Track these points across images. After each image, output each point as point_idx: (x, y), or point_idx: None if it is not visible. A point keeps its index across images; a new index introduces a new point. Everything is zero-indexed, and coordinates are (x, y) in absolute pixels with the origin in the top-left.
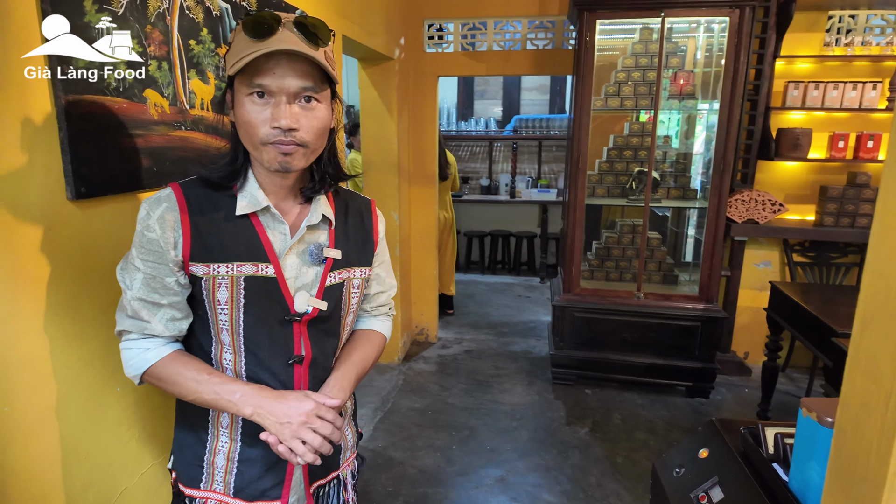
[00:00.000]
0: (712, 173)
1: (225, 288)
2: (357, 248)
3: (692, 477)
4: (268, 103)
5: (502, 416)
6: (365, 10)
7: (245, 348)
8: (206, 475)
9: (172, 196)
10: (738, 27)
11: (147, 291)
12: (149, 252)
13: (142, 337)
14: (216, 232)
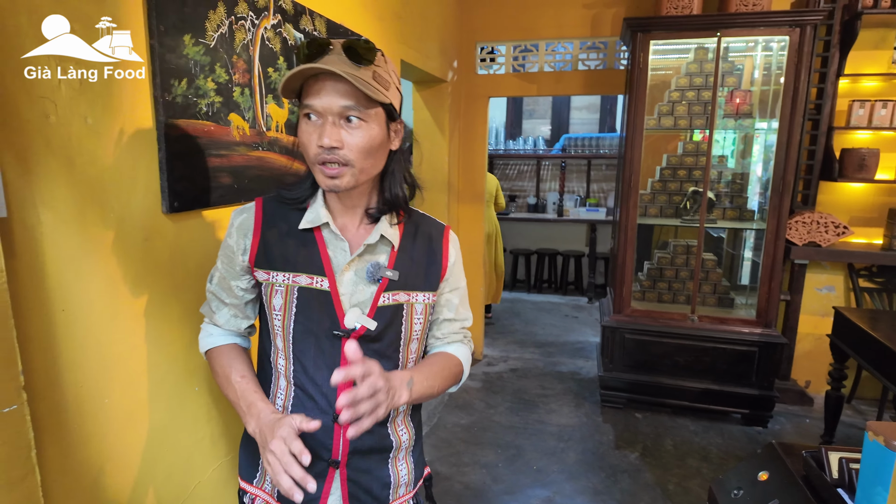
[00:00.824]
0: (771, 194)
1: (280, 295)
2: (420, 273)
3: (751, 500)
4: (317, 124)
5: (549, 436)
6: (422, 35)
7: (294, 356)
8: (259, 473)
9: (253, 208)
10: (799, 46)
11: (219, 289)
12: (225, 255)
13: (209, 323)
14: (280, 243)
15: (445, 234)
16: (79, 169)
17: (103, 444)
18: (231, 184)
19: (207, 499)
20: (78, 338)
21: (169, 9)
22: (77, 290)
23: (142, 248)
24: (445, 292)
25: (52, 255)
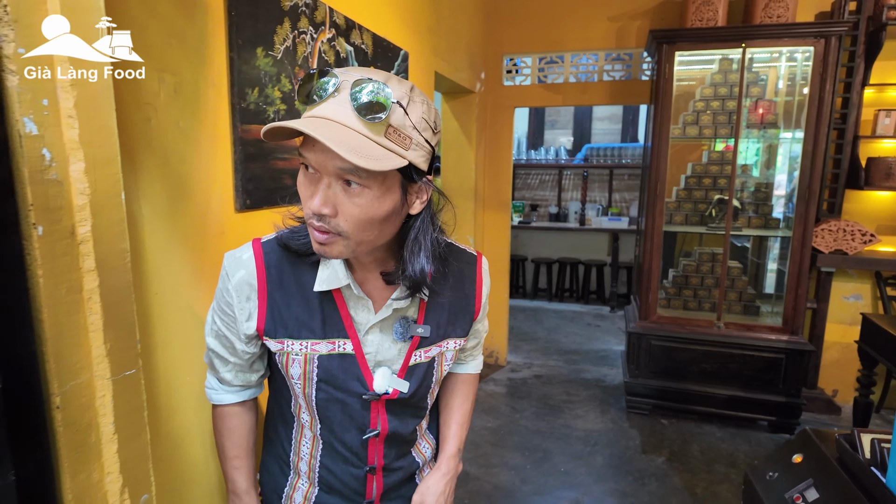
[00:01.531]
0: (797, 202)
1: (298, 365)
2: (453, 319)
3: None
4: (313, 178)
5: (576, 440)
6: (453, 48)
7: (319, 418)
8: (290, 482)
9: (252, 263)
10: (824, 57)
11: (218, 346)
12: (224, 313)
13: (212, 376)
14: (293, 306)
15: (479, 267)
16: (172, 167)
17: (184, 418)
18: (292, 185)
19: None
20: (167, 320)
21: (246, 24)
22: (167, 277)
23: (218, 241)
24: (475, 325)
25: (149, 244)
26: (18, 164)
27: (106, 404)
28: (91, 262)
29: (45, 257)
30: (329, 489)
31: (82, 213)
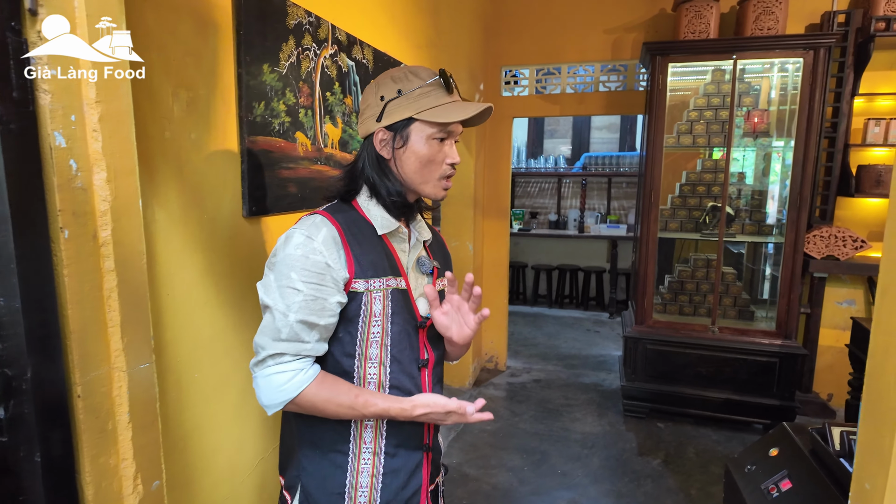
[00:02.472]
0: (788, 208)
1: (379, 301)
2: (442, 261)
3: (762, 473)
4: (445, 146)
5: (573, 443)
6: (453, 61)
7: (391, 357)
8: (349, 500)
9: (328, 222)
10: (813, 68)
11: (307, 313)
12: (313, 274)
13: (295, 358)
14: (367, 252)
15: (438, 231)
16: (185, 176)
17: (193, 412)
18: (296, 193)
19: (272, 472)
20: (178, 319)
21: (253, 42)
22: (179, 279)
23: (227, 245)
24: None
25: (162, 248)
26: (48, 174)
27: (122, 395)
28: (111, 263)
29: (70, 258)
30: (395, 448)
31: (104, 219)
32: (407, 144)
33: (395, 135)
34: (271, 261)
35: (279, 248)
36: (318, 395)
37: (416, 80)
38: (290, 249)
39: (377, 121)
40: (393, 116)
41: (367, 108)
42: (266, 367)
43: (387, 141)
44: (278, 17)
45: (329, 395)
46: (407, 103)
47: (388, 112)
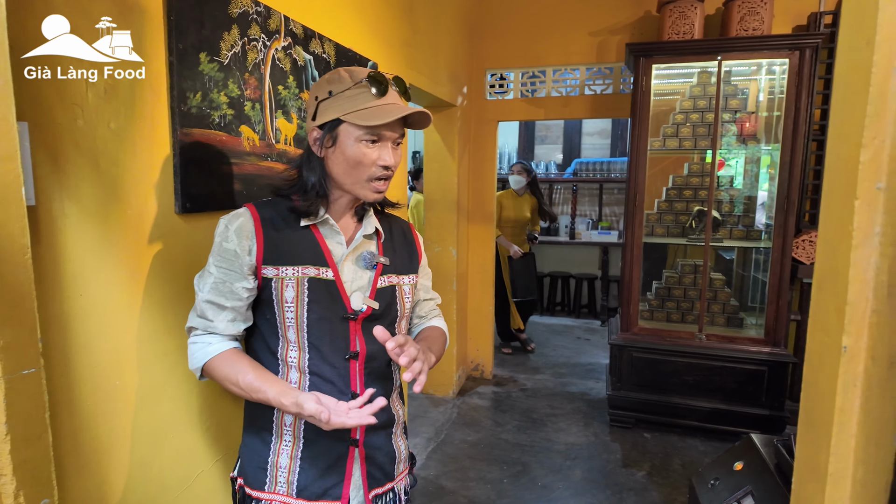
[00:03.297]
0: (776, 213)
1: (291, 288)
2: (404, 259)
3: (726, 488)
4: (376, 148)
5: (556, 454)
6: (431, 62)
7: (309, 344)
8: (270, 477)
9: (248, 212)
10: (799, 69)
11: (215, 294)
12: (223, 259)
13: (205, 332)
14: (284, 240)
15: (412, 228)
16: (103, 168)
17: (115, 423)
18: (241, 190)
19: (209, 488)
20: (94, 322)
21: (188, 29)
22: (96, 278)
23: (157, 244)
24: (422, 277)
25: (74, 244)
26: None
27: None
28: None
29: None
30: (316, 435)
31: None
32: (336, 145)
33: (325, 134)
34: None
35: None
36: (218, 370)
37: (348, 81)
38: (215, 236)
39: (312, 119)
40: (324, 116)
41: (308, 107)
42: (189, 337)
43: (319, 140)
44: (218, 5)
45: (227, 373)
46: (337, 104)
47: (320, 111)
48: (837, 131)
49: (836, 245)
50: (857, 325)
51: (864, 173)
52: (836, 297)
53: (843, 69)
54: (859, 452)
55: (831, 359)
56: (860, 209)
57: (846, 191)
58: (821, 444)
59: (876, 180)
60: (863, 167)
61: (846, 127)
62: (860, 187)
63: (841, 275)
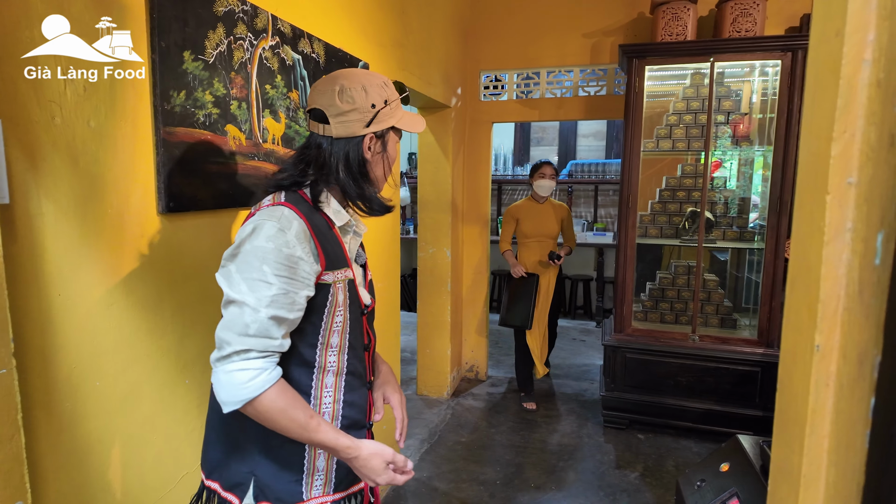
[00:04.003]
0: (768, 214)
1: (342, 291)
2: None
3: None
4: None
5: (549, 455)
6: (425, 63)
7: (349, 344)
8: (306, 486)
9: (297, 215)
10: (791, 69)
11: (277, 308)
12: (285, 268)
13: (261, 356)
14: (328, 242)
15: None
16: (82, 167)
17: (94, 424)
18: (227, 190)
19: (194, 490)
20: (74, 322)
21: (171, 27)
22: (75, 278)
23: (138, 243)
24: None
25: (52, 243)
26: None
27: None
28: None
29: None
30: (346, 429)
31: None
32: (385, 150)
33: (379, 141)
34: (234, 252)
35: (246, 239)
36: (276, 402)
37: (394, 93)
38: (261, 241)
39: (366, 126)
40: (382, 124)
41: (353, 112)
42: (230, 362)
43: (373, 146)
44: (203, 3)
45: (286, 406)
46: (391, 113)
47: (378, 119)
48: (809, 126)
49: (807, 242)
50: (829, 322)
51: (835, 168)
52: (808, 295)
53: (814, 61)
54: (832, 454)
55: (804, 358)
56: (832, 204)
57: (817, 186)
58: (794, 446)
59: (847, 175)
60: (834, 161)
61: (817, 121)
62: (831, 182)
63: (813, 272)
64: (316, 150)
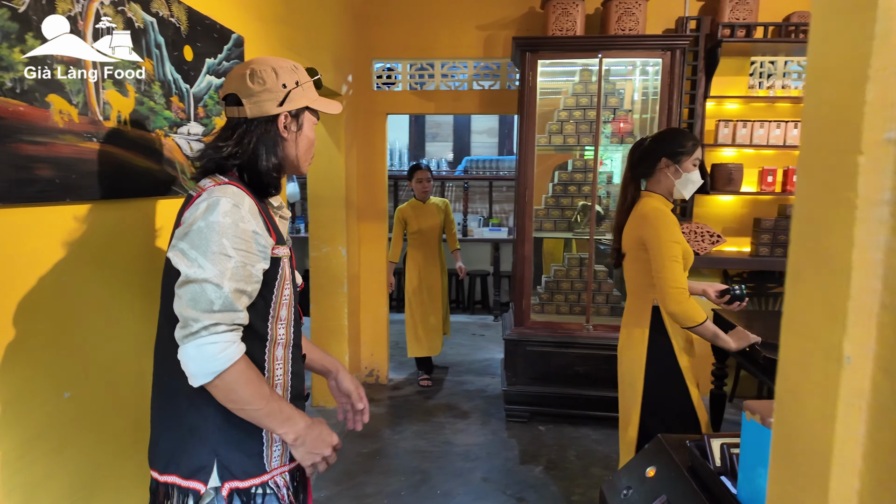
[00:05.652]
0: None
1: (287, 265)
2: None
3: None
4: None
5: (456, 457)
6: (312, 45)
7: (294, 318)
8: (267, 458)
9: (244, 192)
10: (671, 68)
11: (237, 280)
12: (242, 241)
13: (229, 329)
14: (271, 220)
15: None
16: None
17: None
18: (53, 177)
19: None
20: None
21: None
22: None
23: None
24: None
25: None
26: None
27: None
28: None
29: None
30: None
31: None
32: (301, 129)
33: (294, 120)
34: (186, 230)
35: (200, 216)
36: (244, 373)
37: (306, 75)
38: (218, 217)
39: (279, 105)
40: (295, 103)
41: (264, 92)
42: (199, 336)
43: (288, 125)
44: None
45: (252, 376)
46: (303, 93)
47: (290, 99)
48: (819, 65)
49: (824, 220)
50: (863, 326)
51: (870, 118)
52: (827, 290)
53: None
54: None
55: (820, 372)
56: (865, 168)
57: (840, 145)
58: (807, 488)
59: (886, 128)
60: (869, 109)
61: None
62: (865, 138)
63: (836, 260)
64: (233, 132)
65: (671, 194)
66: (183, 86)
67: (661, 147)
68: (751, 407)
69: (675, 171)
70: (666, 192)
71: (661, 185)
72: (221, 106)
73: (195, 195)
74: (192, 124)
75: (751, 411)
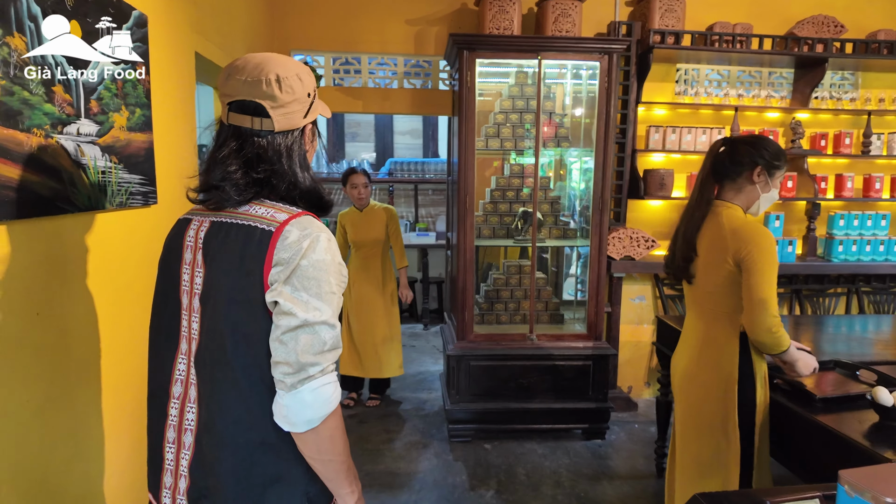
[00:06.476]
0: (592, 212)
1: None
2: None
3: None
4: None
5: (399, 489)
6: (225, 31)
7: None
8: None
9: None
10: (608, 71)
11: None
12: (342, 277)
13: (333, 369)
14: None
15: None
16: None
17: None
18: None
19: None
20: None
21: None
22: None
23: None
24: None
25: None
26: None
27: None
28: None
29: None
30: None
31: None
32: (314, 139)
33: (314, 128)
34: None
35: (303, 255)
36: (341, 417)
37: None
38: (321, 254)
39: (304, 116)
40: (314, 113)
41: (294, 102)
42: (314, 380)
43: (312, 137)
44: None
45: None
46: (317, 101)
47: (313, 108)
48: None
49: None
50: None
51: None
52: None
53: None
54: None
55: None
56: None
57: None
58: None
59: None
60: None
61: None
62: None
63: None
64: (254, 148)
65: (748, 207)
66: (70, 72)
67: (758, 154)
68: (850, 480)
69: (765, 183)
70: (745, 204)
71: (743, 195)
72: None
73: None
74: (82, 122)
75: (852, 485)
